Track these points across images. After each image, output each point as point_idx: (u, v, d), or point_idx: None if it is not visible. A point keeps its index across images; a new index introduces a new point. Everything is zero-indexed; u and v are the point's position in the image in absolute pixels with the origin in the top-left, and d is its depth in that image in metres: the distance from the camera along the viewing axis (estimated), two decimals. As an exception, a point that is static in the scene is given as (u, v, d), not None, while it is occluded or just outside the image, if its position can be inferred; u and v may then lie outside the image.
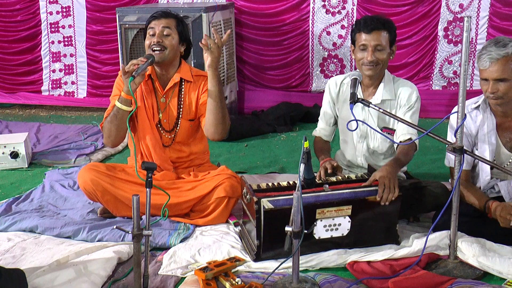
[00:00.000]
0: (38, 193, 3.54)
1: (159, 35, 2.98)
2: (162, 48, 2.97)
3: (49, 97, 6.02)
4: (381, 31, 2.88)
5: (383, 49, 2.89)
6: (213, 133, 3.01)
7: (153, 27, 3.00)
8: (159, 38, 2.97)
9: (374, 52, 2.88)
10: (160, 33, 2.98)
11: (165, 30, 2.99)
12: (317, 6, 5.38)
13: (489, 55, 2.56)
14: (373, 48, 2.87)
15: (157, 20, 3.02)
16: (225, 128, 3.01)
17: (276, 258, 2.58)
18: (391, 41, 2.93)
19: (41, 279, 2.44)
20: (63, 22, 5.86)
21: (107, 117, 3.00)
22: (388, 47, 2.92)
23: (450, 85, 5.28)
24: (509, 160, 2.75)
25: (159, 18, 3.02)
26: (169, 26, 3.00)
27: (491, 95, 2.61)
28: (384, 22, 2.91)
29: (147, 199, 2.30)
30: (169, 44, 2.99)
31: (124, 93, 2.90)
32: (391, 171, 2.65)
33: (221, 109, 2.94)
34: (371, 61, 2.88)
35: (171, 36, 3.00)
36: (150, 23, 3.03)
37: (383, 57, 2.90)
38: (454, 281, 2.37)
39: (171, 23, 3.03)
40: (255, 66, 5.65)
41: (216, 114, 2.94)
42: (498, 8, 5.03)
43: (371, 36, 2.88)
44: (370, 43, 2.87)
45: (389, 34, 2.91)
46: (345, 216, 2.61)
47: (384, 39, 2.89)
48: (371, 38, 2.88)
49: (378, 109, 2.53)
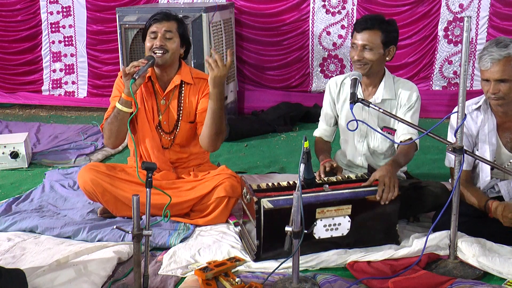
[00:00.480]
0: (38, 193, 3.54)
1: (161, 38, 2.97)
2: (164, 52, 2.97)
3: (49, 97, 6.03)
4: (372, 31, 2.88)
5: (372, 49, 2.88)
6: (207, 146, 3.03)
7: (155, 30, 2.99)
8: (161, 41, 2.97)
9: (362, 51, 2.89)
10: (162, 36, 2.98)
11: (167, 33, 2.99)
12: (317, 6, 5.38)
13: (491, 55, 2.55)
14: (361, 47, 2.89)
15: (159, 23, 3.01)
16: (220, 141, 3.04)
17: (276, 258, 2.58)
18: (386, 41, 2.90)
19: (41, 279, 2.44)
20: (63, 22, 5.87)
21: (108, 118, 3.00)
22: (381, 48, 2.90)
23: (450, 85, 5.28)
24: (510, 160, 2.75)
25: (160, 21, 3.01)
26: (171, 29, 3.00)
27: (492, 96, 2.61)
28: (379, 22, 2.90)
29: (147, 199, 2.30)
30: (171, 47, 2.99)
31: (125, 94, 2.90)
32: (391, 170, 2.65)
33: (218, 125, 2.93)
34: (358, 60, 2.90)
35: (173, 39, 3.00)
36: (151, 25, 3.02)
37: (371, 57, 2.89)
38: (454, 281, 2.37)
39: (173, 26, 3.02)
40: (255, 66, 5.65)
41: (212, 130, 2.95)
42: (498, 8, 5.03)
43: (361, 36, 2.89)
44: (358, 42, 2.89)
45: (383, 34, 2.89)
46: (345, 215, 2.61)
47: (374, 39, 2.87)
48: (360, 38, 2.89)
49: (378, 109, 2.53)
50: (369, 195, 2.62)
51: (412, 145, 2.89)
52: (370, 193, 2.62)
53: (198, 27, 4.57)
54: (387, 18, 2.97)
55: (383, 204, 2.60)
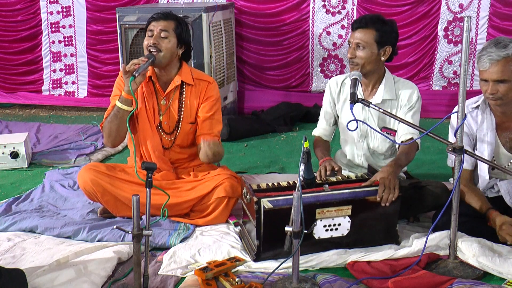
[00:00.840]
0: (38, 193, 3.54)
1: (156, 37, 2.98)
2: (157, 50, 2.97)
3: (49, 97, 6.03)
4: (366, 29, 2.89)
5: (365, 47, 2.88)
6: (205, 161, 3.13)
7: (152, 28, 3.00)
8: (155, 40, 2.97)
9: (355, 50, 2.90)
10: (157, 35, 2.98)
11: (162, 32, 2.99)
12: (317, 6, 5.38)
13: (489, 56, 2.54)
14: (354, 45, 2.91)
15: (156, 22, 3.02)
16: (219, 159, 3.18)
17: (276, 258, 2.58)
18: (380, 41, 2.89)
19: (41, 279, 2.44)
20: (63, 22, 5.87)
21: (107, 117, 3.01)
22: (375, 47, 2.89)
23: (450, 85, 5.28)
24: (510, 161, 2.75)
25: (158, 20, 3.02)
26: (166, 29, 3.00)
27: (491, 96, 2.60)
28: (374, 21, 2.90)
29: (147, 199, 2.30)
30: (165, 46, 2.98)
31: (125, 92, 2.90)
32: (392, 172, 2.65)
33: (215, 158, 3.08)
34: (350, 58, 2.92)
35: (168, 39, 3.00)
36: (149, 24, 3.04)
37: (362, 55, 2.89)
38: (454, 281, 2.37)
39: (170, 25, 3.02)
40: (255, 66, 5.65)
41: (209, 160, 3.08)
42: (498, 8, 5.03)
43: (355, 34, 2.92)
44: (352, 40, 2.91)
45: (377, 33, 2.88)
46: (345, 216, 2.61)
47: (367, 37, 2.88)
48: (354, 36, 2.91)
49: (378, 109, 2.53)
50: (369, 195, 2.61)
51: (413, 145, 2.88)
52: (370, 193, 2.62)
53: (198, 27, 4.57)
54: (387, 19, 2.97)
55: (383, 205, 2.59)
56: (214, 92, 3.15)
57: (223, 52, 5.03)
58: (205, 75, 3.24)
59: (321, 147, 3.13)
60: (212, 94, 3.14)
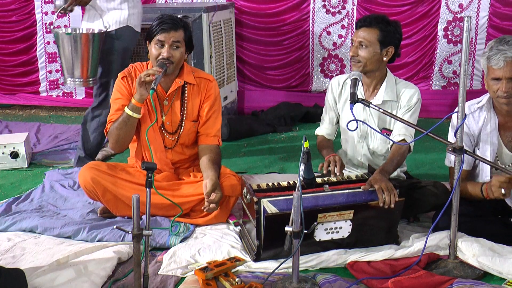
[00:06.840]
0: (38, 193, 3.54)
1: (169, 50, 2.93)
2: (170, 63, 2.95)
3: (48, 98, 5.99)
4: (370, 28, 2.89)
5: (368, 46, 2.89)
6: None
7: (163, 39, 2.93)
8: (168, 53, 2.92)
9: (357, 48, 2.91)
10: (169, 47, 2.93)
11: (175, 44, 2.95)
12: (317, 6, 5.38)
13: (504, 54, 2.53)
14: (357, 44, 2.92)
15: (167, 33, 2.93)
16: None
17: (276, 258, 2.58)
18: (383, 40, 2.90)
19: (41, 279, 2.44)
20: (58, 22, 5.81)
21: (115, 123, 2.98)
22: (378, 46, 2.90)
23: (450, 85, 5.28)
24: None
25: (169, 31, 2.93)
26: (178, 39, 2.95)
27: (504, 95, 2.58)
28: (378, 21, 2.91)
29: (147, 199, 2.30)
30: (177, 57, 2.97)
31: (136, 100, 2.89)
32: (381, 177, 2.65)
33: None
34: (352, 56, 2.93)
35: (180, 49, 2.97)
36: (158, 33, 2.94)
37: (364, 55, 2.90)
38: (454, 281, 2.37)
39: (180, 35, 2.97)
40: (255, 66, 5.64)
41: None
42: (498, 8, 5.02)
43: (358, 32, 2.93)
44: (355, 38, 2.93)
45: (381, 33, 2.89)
46: (346, 220, 2.60)
47: (371, 36, 2.88)
48: (357, 34, 2.93)
49: (378, 109, 2.52)
50: (371, 200, 2.60)
51: (404, 147, 2.87)
52: (372, 197, 2.60)
53: (198, 27, 4.57)
54: (391, 20, 2.97)
55: (387, 207, 2.58)
56: (214, 91, 3.16)
57: (223, 52, 5.02)
58: (205, 74, 3.24)
59: (325, 146, 3.13)
60: (212, 92, 3.14)
